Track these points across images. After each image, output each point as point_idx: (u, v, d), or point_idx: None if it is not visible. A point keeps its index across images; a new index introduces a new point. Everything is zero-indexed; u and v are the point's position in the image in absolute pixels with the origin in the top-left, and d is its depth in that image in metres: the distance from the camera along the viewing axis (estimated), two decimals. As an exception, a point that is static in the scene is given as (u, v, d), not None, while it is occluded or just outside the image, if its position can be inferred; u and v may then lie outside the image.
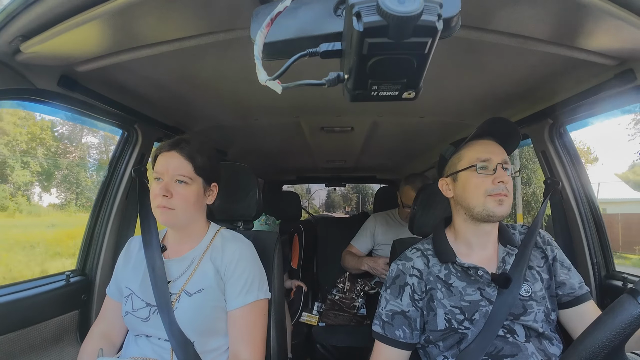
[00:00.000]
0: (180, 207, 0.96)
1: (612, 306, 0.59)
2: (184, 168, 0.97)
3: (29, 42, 0.81)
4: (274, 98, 1.32)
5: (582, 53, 0.91)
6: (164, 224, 1.00)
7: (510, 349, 0.88)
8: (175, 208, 0.95)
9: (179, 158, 0.97)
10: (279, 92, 0.50)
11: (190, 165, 0.97)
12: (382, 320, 0.99)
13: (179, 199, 0.96)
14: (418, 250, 1.05)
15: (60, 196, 14.69)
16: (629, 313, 0.56)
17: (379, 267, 1.97)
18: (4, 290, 1.08)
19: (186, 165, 0.97)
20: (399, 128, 1.85)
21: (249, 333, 0.98)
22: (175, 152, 0.98)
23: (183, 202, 0.96)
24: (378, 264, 1.98)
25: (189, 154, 0.98)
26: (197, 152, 0.99)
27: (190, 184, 0.97)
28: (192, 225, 1.04)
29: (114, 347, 1.05)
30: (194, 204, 0.99)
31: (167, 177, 0.96)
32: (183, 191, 0.96)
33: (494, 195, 0.92)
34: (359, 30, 0.41)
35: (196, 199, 0.99)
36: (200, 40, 0.88)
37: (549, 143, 1.36)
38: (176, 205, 0.95)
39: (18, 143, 13.19)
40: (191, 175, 0.97)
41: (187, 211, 0.98)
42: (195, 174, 0.98)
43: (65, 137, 15.47)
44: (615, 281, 1.21)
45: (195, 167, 0.98)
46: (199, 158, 0.99)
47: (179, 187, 0.96)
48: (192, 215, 1.01)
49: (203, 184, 1.01)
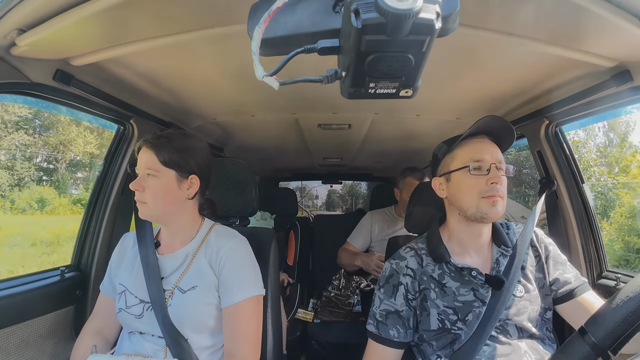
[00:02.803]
0: (150, 200, 0.96)
1: (563, 345, 0.62)
2: (151, 161, 0.97)
3: (25, 35, 0.80)
4: (271, 94, 1.32)
5: (579, 54, 0.91)
6: (142, 218, 1.01)
7: (503, 349, 0.88)
8: (146, 202, 0.96)
9: (147, 152, 0.98)
10: (276, 88, 0.50)
11: (156, 158, 0.97)
12: (376, 319, 1.00)
13: (148, 192, 0.96)
14: (412, 250, 1.05)
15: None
16: (578, 353, 0.58)
17: (371, 263, 1.97)
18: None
19: (152, 158, 0.97)
20: (395, 126, 1.86)
21: (244, 330, 0.97)
22: (145, 147, 0.99)
23: (152, 195, 0.96)
24: (371, 260, 1.98)
25: (155, 146, 0.98)
26: (165, 145, 0.98)
27: (159, 177, 0.97)
28: (178, 220, 1.03)
29: (107, 343, 1.05)
30: (164, 196, 0.98)
31: (140, 171, 0.98)
32: (152, 184, 0.97)
33: (488, 197, 0.91)
34: (357, 27, 0.41)
35: (166, 191, 0.98)
36: (197, 35, 0.88)
37: (545, 143, 1.36)
38: (147, 198, 0.96)
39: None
40: (158, 167, 0.97)
41: (158, 204, 0.97)
42: (162, 166, 0.97)
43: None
44: (609, 280, 1.22)
45: (161, 159, 0.97)
46: (166, 150, 0.98)
47: (149, 180, 0.97)
48: (166, 208, 1.00)
49: (176, 177, 0.99)
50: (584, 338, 0.59)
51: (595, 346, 0.57)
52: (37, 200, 9.93)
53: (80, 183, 10.95)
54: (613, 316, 0.58)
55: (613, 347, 0.57)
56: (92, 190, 1.43)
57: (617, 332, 0.57)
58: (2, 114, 11.16)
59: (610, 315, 0.59)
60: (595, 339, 0.58)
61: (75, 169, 11.31)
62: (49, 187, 10.70)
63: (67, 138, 12.03)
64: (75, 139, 10.79)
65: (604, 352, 0.57)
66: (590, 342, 0.58)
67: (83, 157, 11.29)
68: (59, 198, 10.00)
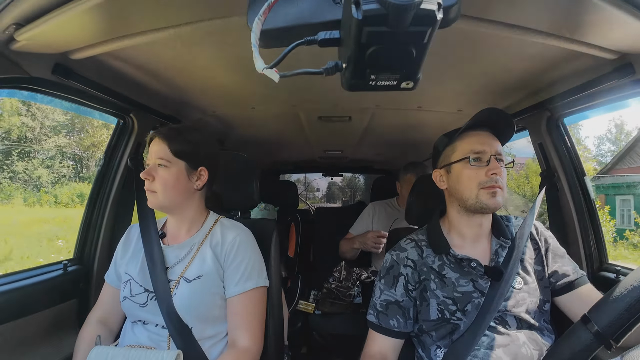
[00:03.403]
0: (160, 189, 0.98)
1: (566, 333, 0.61)
2: (162, 151, 0.99)
3: (23, 30, 0.80)
4: (271, 87, 1.31)
5: (582, 46, 0.90)
6: (151, 207, 1.03)
7: (502, 339, 0.89)
8: (156, 191, 0.99)
9: (159, 143, 1.00)
10: (276, 80, 0.50)
11: (168, 148, 0.99)
12: (377, 310, 1.01)
13: (158, 182, 0.98)
14: (412, 241, 1.06)
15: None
16: (581, 340, 0.58)
17: (368, 241, 1.98)
18: (1, 280, 1.08)
19: (164, 148, 0.99)
20: (396, 118, 1.85)
21: (248, 320, 0.99)
22: (157, 138, 1.01)
23: (162, 184, 0.98)
24: (367, 238, 1.99)
25: (167, 137, 1.00)
26: (176, 136, 1.01)
27: (170, 167, 0.99)
28: (186, 210, 1.05)
29: (111, 333, 1.07)
30: (174, 186, 1.00)
31: (151, 161, 1.00)
32: (162, 174, 0.99)
33: (488, 187, 0.92)
34: (358, 18, 0.41)
35: (176, 181, 1.00)
36: (196, 27, 0.87)
37: (546, 135, 1.36)
38: (157, 188, 0.98)
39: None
40: (169, 157, 0.99)
41: (168, 193, 0.99)
42: (173, 156, 0.99)
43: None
44: (608, 273, 1.22)
45: (173, 150, 0.99)
46: (178, 141, 1.00)
47: (159, 170, 0.99)
48: (175, 199, 1.01)
49: (186, 168, 1.01)
50: (587, 326, 0.59)
51: (598, 334, 0.57)
52: (77, 195, 11.44)
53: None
54: (617, 305, 0.58)
55: (616, 336, 0.57)
56: (93, 184, 1.43)
57: (620, 321, 0.57)
58: (44, 120, 12.02)
59: (614, 303, 0.59)
60: (598, 326, 0.58)
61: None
62: (87, 184, 11.81)
63: (98, 140, 13.27)
64: (105, 140, 11.63)
65: (606, 340, 0.57)
66: (593, 330, 0.58)
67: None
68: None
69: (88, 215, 1.39)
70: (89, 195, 1.43)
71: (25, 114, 11.90)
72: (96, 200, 1.40)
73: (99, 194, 1.40)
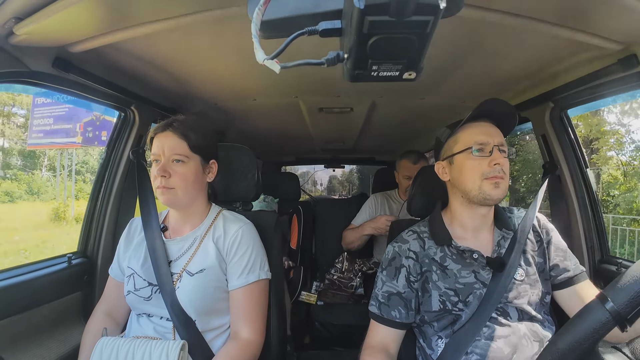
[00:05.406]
0: (180, 186, 0.97)
1: (581, 310, 0.59)
2: (179, 146, 0.97)
3: (22, 23, 0.79)
4: (272, 78, 1.30)
5: (586, 36, 0.89)
6: (166, 205, 1.01)
7: (503, 330, 0.90)
8: (174, 187, 0.97)
9: (173, 137, 0.98)
10: (277, 71, 0.49)
11: (185, 143, 0.98)
12: (379, 300, 1.01)
13: (177, 178, 0.96)
14: (414, 233, 1.06)
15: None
16: (596, 318, 0.57)
17: (382, 225, 1.91)
18: (7, 273, 1.09)
19: (181, 144, 0.97)
20: (398, 109, 1.84)
21: (250, 312, 1.00)
22: (170, 132, 0.98)
23: (182, 181, 0.97)
24: (380, 222, 1.93)
25: (183, 132, 0.98)
26: (191, 130, 0.99)
27: (187, 162, 0.98)
28: (194, 205, 1.05)
29: (117, 325, 1.08)
30: (193, 182, 0.99)
31: (164, 157, 0.97)
32: (181, 170, 0.97)
33: (490, 178, 0.91)
34: (360, 7, 0.40)
35: (195, 177, 0.99)
36: (196, 18, 0.86)
37: (549, 127, 1.35)
38: (175, 184, 0.96)
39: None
40: (187, 153, 0.98)
41: (187, 190, 0.98)
42: (191, 151, 0.98)
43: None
44: (610, 265, 1.23)
45: (190, 144, 0.98)
46: (194, 135, 0.99)
47: (176, 166, 0.97)
48: (193, 194, 1.01)
49: (201, 162, 1.01)
50: (603, 304, 0.57)
51: (615, 312, 0.55)
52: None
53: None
54: (635, 284, 0.57)
55: (630, 316, 0.56)
56: (96, 177, 1.43)
57: (637, 300, 0.56)
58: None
59: (633, 282, 0.57)
60: (615, 304, 0.56)
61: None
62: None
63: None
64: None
65: (622, 319, 0.56)
66: (610, 308, 0.56)
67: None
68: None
69: (91, 209, 1.40)
70: (92, 189, 1.43)
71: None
72: (99, 193, 1.41)
73: (102, 187, 1.41)
